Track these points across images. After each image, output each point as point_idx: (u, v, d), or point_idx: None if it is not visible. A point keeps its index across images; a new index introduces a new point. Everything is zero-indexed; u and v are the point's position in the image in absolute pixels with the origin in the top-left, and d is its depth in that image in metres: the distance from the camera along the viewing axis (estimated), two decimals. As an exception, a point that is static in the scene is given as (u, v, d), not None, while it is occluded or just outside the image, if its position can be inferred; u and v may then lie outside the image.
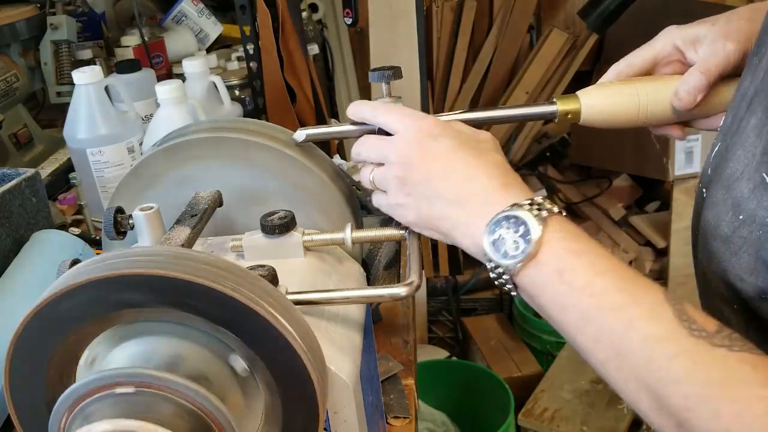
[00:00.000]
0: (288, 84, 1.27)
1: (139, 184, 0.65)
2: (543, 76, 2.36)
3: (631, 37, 2.74)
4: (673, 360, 0.42)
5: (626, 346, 0.44)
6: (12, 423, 0.45)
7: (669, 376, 0.42)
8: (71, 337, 0.43)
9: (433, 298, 2.37)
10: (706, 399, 0.41)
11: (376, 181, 0.60)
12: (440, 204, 0.55)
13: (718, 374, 0.41)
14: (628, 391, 0.45)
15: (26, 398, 0.44)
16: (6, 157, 1.27)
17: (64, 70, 1.39)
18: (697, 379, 0.41)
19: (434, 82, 2.41)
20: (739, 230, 0.51)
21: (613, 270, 0.47)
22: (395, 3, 1.63)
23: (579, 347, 0.48)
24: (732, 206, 0.52)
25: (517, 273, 0.49)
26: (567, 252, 0.48)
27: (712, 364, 0.41)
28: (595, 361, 0.47)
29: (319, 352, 0.45)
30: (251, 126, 0.66)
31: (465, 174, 0.55)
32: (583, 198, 2.47)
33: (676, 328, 0.43)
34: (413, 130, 0.57)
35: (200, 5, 1.66)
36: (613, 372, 0.45)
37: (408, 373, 0.82)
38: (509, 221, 0.49)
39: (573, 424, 1.82)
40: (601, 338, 0.45)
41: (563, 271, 0.47)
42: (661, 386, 0.42)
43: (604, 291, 0.46)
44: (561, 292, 0.47)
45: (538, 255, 0.48)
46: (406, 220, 0.59)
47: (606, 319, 0.45)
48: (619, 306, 0.45)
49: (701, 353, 0.42)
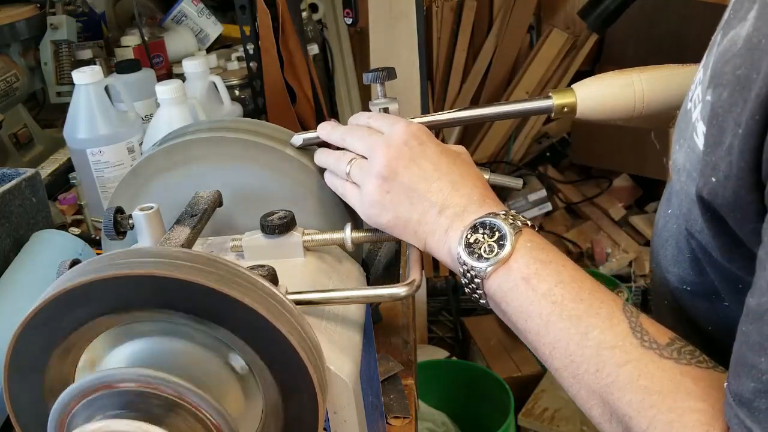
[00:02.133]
0: (288, 84, 1.27)
1: (139, 184, 0.65)
2: (543, 76, 2.36)
3: (631, 37, 2.75)
4: (621, 368, 0.44)
5: (580, 353, 0.46)
6: (12, 423, 0.45)
7: (616, 383, 0.44)
8: (71, 337, 0.43)
9: (433, 298, 2.37)
10: (645, 407, 0.42)
11: (353, 174, 0.59)
12: (422, 206, 0.55)
13: (659, 384, 0.43)
14: (581, 399, 0.47)
15: (26, 398, 0.44)
16: (6, 157, 1.27)
17: (64, 70, 1.39)
18: (639, 387, 0.43)
19: (434, 82, 2.41)
20: (668, 223, 0.55)
21: (575, 280, 0.48)
22: (395, 3, 1.63)
23: (539, 355, 0.49)
24: (666, 200, 0.55)
25: (488, 277, 0.50)
26: (535, 260, 0.49)
27: (656, 374, 0.43)
28: (553, 368, 0.48)
29: (319, 352, 0.45)
30: (251, 126, 0.66)
31: (451, 180, 0.55)
32: (583, 198, 2.47)
33: (628, 338, 0.45)
34: (404, 131, 0.58)
35: (200, 5, 1.66)
36: (569, 379, 0.47)
37: (408, 373, 0.82)
38: (485, 228, 0.51)
39: (573, 424, 1.82)
40: (558, 346, 0.47)
41: (530, 278, 0.49)
42: (609, 393, 0.44)
43: (564, 299, 0.47)
44: (525, 298, 0.49)
45: (509, 261, 0.49)
46: (380, 220, 0.57)
47: (564, 325, 0.47)
48: (577, 315, 0.47)
49: (648, 363, 0.44)
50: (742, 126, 0.38)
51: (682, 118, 0.49)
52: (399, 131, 0.58)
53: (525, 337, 0.50)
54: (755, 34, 0.38)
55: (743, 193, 0.39)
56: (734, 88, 0.39)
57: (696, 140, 0.44)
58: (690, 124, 0.46)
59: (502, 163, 2.49)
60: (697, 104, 0.45)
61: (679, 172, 0.48)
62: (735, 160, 0.39)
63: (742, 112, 0.38)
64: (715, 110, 0.41)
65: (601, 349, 0.45)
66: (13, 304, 0.72)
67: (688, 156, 0.46)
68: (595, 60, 2.55)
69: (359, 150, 0.60)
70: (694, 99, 0.46)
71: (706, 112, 0.42)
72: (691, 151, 0.45)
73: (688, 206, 0.47)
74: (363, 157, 0.59)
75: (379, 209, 0.57)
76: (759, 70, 0.37)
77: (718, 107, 0.40)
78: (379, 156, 0.57)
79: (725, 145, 0.39)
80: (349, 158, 0.60)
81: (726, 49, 0.40)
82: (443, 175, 0.55)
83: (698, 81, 0.46)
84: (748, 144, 0.38)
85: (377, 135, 0.59)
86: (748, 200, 0.39)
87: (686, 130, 0.47)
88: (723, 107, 0.40)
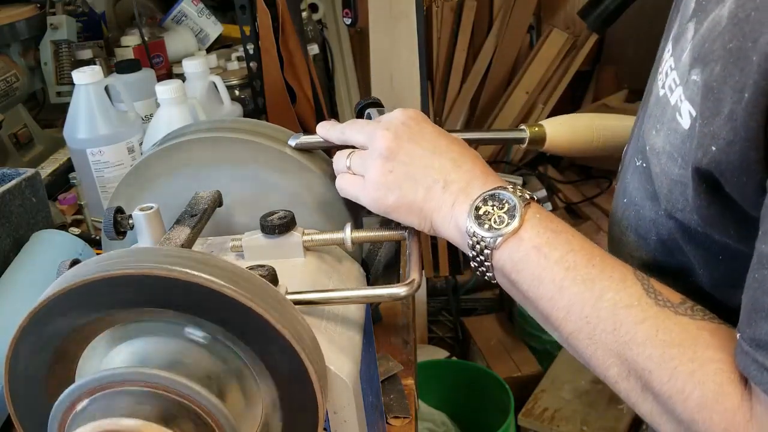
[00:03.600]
0: (288, 84, 1.27)
1: (139, 184, 0.65)
2: (543, 76, 2.36)
3: (631, 37, 2.75)
4: (639, 325, 0.46)
5: (596, 315, 0.47)
6: (12, 423, 0.45)
7: (635, 339, 0.45)
8: (71, 337, 0.43)
9: (433, 298, 2.37)
10: (666, 359, 0.44)
11: (353, 164, 0.60)
12: (426, 183, 0.55)
13: (678, 338, 0.45)
14: (597, 360, 0.48)
15: (26, 398, 0.44)
16: (6, 157, 1.27)
17: (64, 70, 1.39)
18: (659, 342, 0.45)
19: (434, 82, 2.41)
20: (625, 213, 0.58)
21: (585, 248, 0.50)
22: (395, 3, 1.64)
23: (551, 322, 0.50)
24: (622, 192, 0.59)
25: (498, 247, 0.51)
26: (545, 230, 0.51)
27: (674, 329, 0.45)
28: (566, 332, 0.49)
29: (319, 352, 0.45)
30: (251, 126, 0.66)
31: (452, 156, 0.56)
32: (583, 198, 2.46)
33: (643, 298, 0.47)
34: (402, 114, 0.60)
35: (200, 5, 1.66)
36: (584, 341, 0.48)
37: (408, 373, 0.82)
38: (494, 199, 0.52)
39: (573, 424, 1.82)
40: (573, 309, 0.48)
41: (541, 246, 0.50)
42: (627, 349, 0.46)
43: (577, 265, 0.49)
44: (538, 266, 0.50)
45: (520, 231, 0.51)
46: (385, 203, 0.57)
47: (578, 289, 0.48)
48: (591, 278, 0.48)
49: (665, 320, 0.46)
50: (747, 90, 0.40)
51: (656, 106, 0.51)
52: (396, 114, 0.60)
53: (536, 305, 0.51)
54: (740, 9, 0.41)
55: (752, 153, 0.41)
56: (727, 61, 0.41)
57: (679, 121, 0.47)
58: (669, 108, 0.48)
59: (502, 163, 2.49)
60: (674, 89, 0.48)
61: (659, 156, 0.50)
62: (740, 124, 0.40)
63: (742, 80, 0.40)
64: (708, 85, 0.43)
65: (618, 309, 0.46)
66: (13, 304, 0.72)
67: (668, 138, 0.48)
68: (595, 60, 2.55)
69: (359, 140, 0.60)
70: (668, 85, 0.49)
71: (693, 92, 0.45)
72: (672, 132, 0.48)
73: (669, 187, 0.49)
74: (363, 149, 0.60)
75: (384, 191, 0.57)
76: (755, 39, 0.39)
77: (711, 82, 0.43)
78: (378, 138, 0.57)
79: (724, 114, 0.42)
80: (348, 152, 0.61)
81: (709, 30, 0.44)
82: (443, 152, 0.57)
83: (669, 68, 0.49)
84: (758, 105, 0.39)
85: (375, 123, 0.60)
86: (756, 159, 0.41)
87: (663, 115, 0.49)
88: (717, 80, 0.42)
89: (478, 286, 2.42)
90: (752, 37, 0.39)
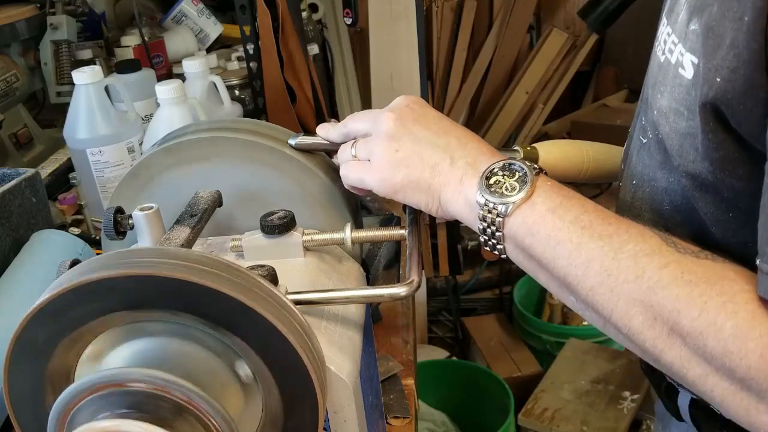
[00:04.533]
0: (288, 84, 1.27)
1: (139, 184, 0.65)
2: (543, 76, 2.36)
3: (631, 37, 2.75)
4: (663, 269, 0.46)
5: (617, 266, 0.47)
6: (11, 423, 0.45)
7: (660, 282, 0.45)
8: (71, 337, 0.43)
9: (433, 298, 2.38)
10: (695, 296, 0.44)
11: (359, 150, 0.60)
12: (433, 160, 0.56)
13: (704, 276, 0.45)
14: (619, 312, 0.47)
15: (26, 398, 0.44)
16: (6, 157, 1.27)
17: (64, 70, 1.39)
18: (685, 281, 0.45)
19: (434, 82, 2.41)
20: (636, 195, 0.59)
21: (599, 210, 0.50)
22: (395, 3, 1.64)
23: (568, 281, 0.50)
24: (629, 176, 0.60)
25: (511, 214, 0.51)
26: (557, 195, 0.51)
27: (698, 270, 0.45)
28: (586, 289, 0.49)
29: (319, 352, 0.45)
30: (251, 126, 0.66)
31: (457, 135, 0.57)
32: (583, 198, 2.46)
33: (663, 247, 0.47)
34: (405, 98, 0.60)
35: (200, 5, 1.66)
36: (605, 295, 0.48)
37: (408, 373, 0.82)
38: (505, 169, 0.53)
39: (573, 424, 1.82)
40: (592, 264, 0.48)
41: (555, 209, 0.50)
42: (652, 294, 0.45)
43: (593, 224, 0.49)
44: (553, 227, 0.50)
45: (533, 196, 0.51)
46: (392, 182, 0.57)
47: (597, 244, 0.48)
48: (608, 234, 0.48)
49: (688, 263, 0.46)
50: (747, 14, 0.41)
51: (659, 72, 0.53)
52: (400, 99, 0.60)
53: (553, 267, 0.50)
54: None
55: (756, 75, 0.41)
56: None
57: (682, 74, 0.48)
58: (671, 68, 0.50)
59: (502, 163, 2.49)
60: (674, 49, 0.50)
61: (666, 115, 0.51)
62: (743, 50, 0.41)
63: (740, 8, 0.41)
64: (708, 26, 0.44)
65: (639, 257, 0.46)
66: (13, 304, 0.72)
67: (672, 95, 0.50)
68: (595, 60, 2.55)
69: (362, 128, 0.61)
70: (667, 49, 0.51)
71: (693, 41, 0.47)
72: (676, 87, 0.49)
73: (679, 143, 0.50)
74: None
75: (391, 170, 0.57)
76: None
77: (711, 22, 0.44)
78: (383, 120, 0.58)
79: (726, 45, 0.43)
80: (351, 143, 0.61)
81: None
82: (448, 131, 0.57)
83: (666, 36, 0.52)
84: (758, 25, 0.40)
85: (377, 110, 0.61)
86: (761, 82, 0.41)
87: (666, 77, 0.51)
88: (716, 19, 0.44)
89: (478, 286, 2.42)
90: None
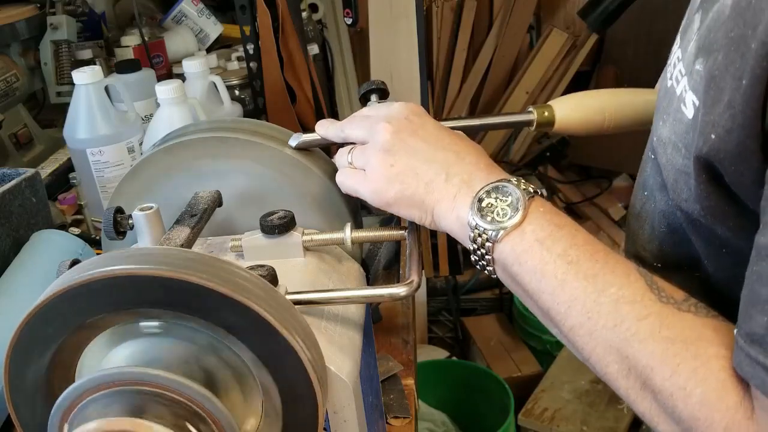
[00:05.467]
0: (288, 84, 1.27)
1: (139, 184, 0.65)
2: (543, 76, 2.36)
3: (631, 37, 2.75)
4: (642, 321, 0.45)
5: (597, 310, 0.46)
6: (12, 423, 0.45)
7: (637, 335, 0.44)
8: (71, 336, 0.43)
9: (433, 298, 2.37)
10: (669, 356, 0.43)
11: (355, 159, 0.59)
12: (428, 176, 0.55)
13: (681, 334, 0.44)
14: (596, 357, 0.47)
15: (26, 398, 0.44)
16: (6, 157, 1.27)
17: (64, 70, 1.39)
18: (661, 338, 0.44)
19: (434, 82, 2.41)
20: (644, 205, 0.58)
21: (589, 243, 0.49)
22: (395, 3, 1.63)
23: (552, 316, 0.49)
24: (642, 185, 0.59)
25: (500, 240, 0.50)
26: (549, 224, 0.50)
27: (677, 325, 0.44)
28: (566, 328, 0.48)
29: (319, 352, 0.45)
30: (251, 126, 0.66)
31: (455, 150, 0.56)
32: (583, 198, 2.47)
33: (646, 294, 0.46)
34: (403, 108, 0.59)
35: (200, 5, 1.66)
36: (584, 337, 0.47)
37: (408, 373, 0.82)
38: (498, 191, 0.51)
39: (573, 424, 1.82)
40: (574, 304, 0.47)
41: (544, 240, 0.49)
42: (629, 345, 0.45)
43: (580, 259, 0.48)
44: (540, 259, 0.49)
45: (523, 224, 0.50)
46: (386, 196, 0.56)
47: (580, 284, 0.47)
48: (593, 273, 0.47)
49: (669, 316, 0.45)
50: (745, 77, 0.40)
51: (664, 97, 0.51)
52: (398, 108, 0.59)
53: (537, 300, 0.50)
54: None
55: (748, 141, 0.40)
56: (729, 49, 0.41)
57: (684, 111, 0.47)
58: (675, 99, 0.48)
59: (502, 163, 2.49)
60: (680, 79, 0.48)
61: (665, 146, 0.50)
62: (738, 112, 0.40)
63: (741, 67, 0.40)
64: (711, 74, 0.43)
65: (620, 304, 0.45)
66: (13, 304, 0.72)
67: (673, 128, 0.48)
68: (595, 60, 2.55)
69: (359, 135, 0.59)
70: (674, 77, 0.49)
71: (697, 81, 0.45)
72: (677, 122, 0.48)
73: (674, 177, 0.49)
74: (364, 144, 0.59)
75: (385, 183, 0.56)
76: (755, 26, 0.39)
77: (714, 70, 0.43)
78: (380, 131, 0.57)
79: (724, 102, 0.42)
80: (350, 148, 0.60)
81: (714, 20, 0.44)
82: (446, 146, 0.56)
83: (676, 60, 0.50)
84: (754, 92, 0.39)
85: (375, 117, 0.59)
86: (753, 148, 0.41)
87: (670, 105, 0.49)
88: (719, 69, 0.42)
89: (478, 286, 2.42)
90: (752, 24, 0.40)
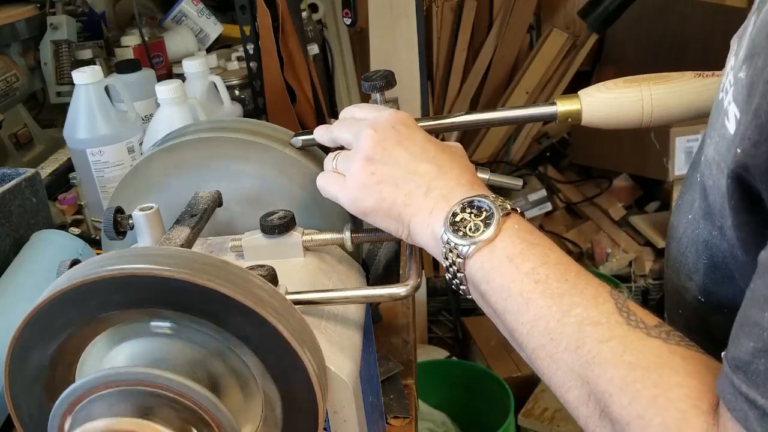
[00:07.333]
0: (288, 84, 1.27)
1: (139, 184, 0.65)
2: (543, 76, 2.36)
3: (631, 37, 2.75)
4: (604, 344, 0.42)
5: (560, 331, 0.44)
6: (12, 423, 0.45)
7: (597, 359, 0.42)
8: (71, 336, 0.43)
9: (433, 298, 2.37)
10: (629, 382, 0.40)
11: (339, 164, 0.58)
12: (408, 188, 0.53)
13: (645, 360, 0.40)
14: (557, 382, 0.44)
15: (26, 398, 0.44)
16: (6, 157, 1.27)
17: (64, 70, 1.39)
18: (623, 363, 0.41)
19: (434, 82, 2.41)
20: (687, 229, 0.52)
21: (562, 263, 0.47)
22: (395, 3, 1.63)
23: (515, 337, 0.47)
24: (687, 205, 0.53)
25: (471, 256, 0.48)
26: (521, 241, 0.48)
27: (642, 350, 0.41)
28: (529, 350, 0.46)
29: (319, 352, 0.45)
30: (251, 126, 0.66)
31: (439, 163, 0.54)
32: (583, 198, 2.46)
33: (613, 316, 0.43)
34: (391, 116, 0.57)
35: (200, 5, 1.66)
36: (545, 360, 0.45)
37: (408, 373, 0.82)
38: (472, 207, 0.50)
39: (573, 424, 1.79)
40: (537, 324, 0.45)
41: (514, 257, 0.47)
42: (589, 369, 0.42)
43: (548, 279, 0.46)
44: (507, 277, 0.47)
45: (495, 240, 0.48)
46: (363, 205, 0.55)
47: (545, 303, 0.45)
48: (560, 293, 0.45)
49: (634, 341, 0.41)
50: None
51: (714, 112, 0.46)
52: (386, 115, 0.57)
53: (503, 319, 0.48)
54: None
55: None
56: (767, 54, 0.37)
57: (727, 126, 0.42)
58: (721, 112, 0.43)
59: (502, 163, 2.49)
60: (728, 90, 0.42)
61: (710, 167, 0.45)
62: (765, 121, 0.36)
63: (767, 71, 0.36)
64: (752, 81, 0.38)
65: (584, 326, 0.43)
66: (13, 304, 0.72)
67: (717, 147, 0.43)
68: (595, 60, 2.55)
69: (346, 139, 0.59)
70: (724, 88, 0.44)
71: (738, 91, 0.40)
72: (721, 139, 0.43)
73: (720, 201, 0.44)
74: None
75: (364, 192, 0.54)
76: None
77: (754, 77, 0.38)
78: (364, 138, 0.55)
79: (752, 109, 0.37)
80: (335, 153, 0.59)
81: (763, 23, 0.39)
82: (431, 158, 0.54)
83: (729, 68, 0.44)
84: None
85: (363, 122, 0.58)
86: None
87: (717, 121, 0.44)
88: (757, 74, 0.37)
89: (478, 286, 2.41)
90: None
